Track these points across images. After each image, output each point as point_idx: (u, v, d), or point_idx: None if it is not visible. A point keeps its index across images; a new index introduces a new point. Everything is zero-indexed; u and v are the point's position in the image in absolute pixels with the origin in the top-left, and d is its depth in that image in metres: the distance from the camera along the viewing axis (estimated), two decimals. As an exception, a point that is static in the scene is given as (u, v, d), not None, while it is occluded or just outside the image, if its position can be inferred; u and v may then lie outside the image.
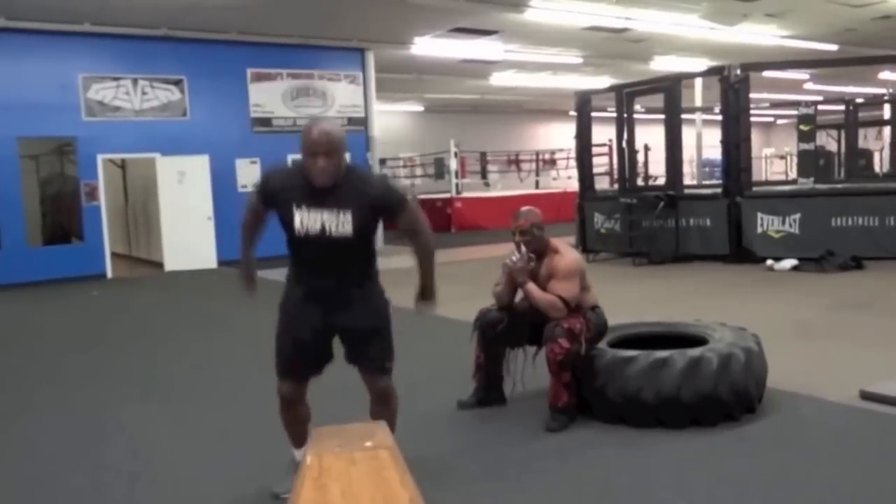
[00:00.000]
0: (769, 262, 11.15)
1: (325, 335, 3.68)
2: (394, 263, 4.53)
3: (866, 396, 4.84)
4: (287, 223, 3.51)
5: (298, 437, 3.84)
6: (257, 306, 4.53)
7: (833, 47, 18.99)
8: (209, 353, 7.50)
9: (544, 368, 4.62)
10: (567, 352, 4.42)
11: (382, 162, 22.30)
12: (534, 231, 4.65)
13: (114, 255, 15.19)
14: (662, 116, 13.41)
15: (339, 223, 3.44)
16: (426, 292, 3.79)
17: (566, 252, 4.74)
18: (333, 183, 3.40)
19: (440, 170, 24.43)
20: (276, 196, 3.54)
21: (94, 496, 4.04)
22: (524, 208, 4.77)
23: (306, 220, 3.45)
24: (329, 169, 3.36)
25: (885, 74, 24.76)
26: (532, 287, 4.60)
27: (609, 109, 14.95)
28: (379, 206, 3.50)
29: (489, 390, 5.03)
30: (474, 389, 5.06)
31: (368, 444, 3.14)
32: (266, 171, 3.78)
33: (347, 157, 3.56)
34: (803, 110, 13.83)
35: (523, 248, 4.63)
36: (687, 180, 17.07)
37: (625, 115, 13.71)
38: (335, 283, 3.59)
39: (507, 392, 5.08)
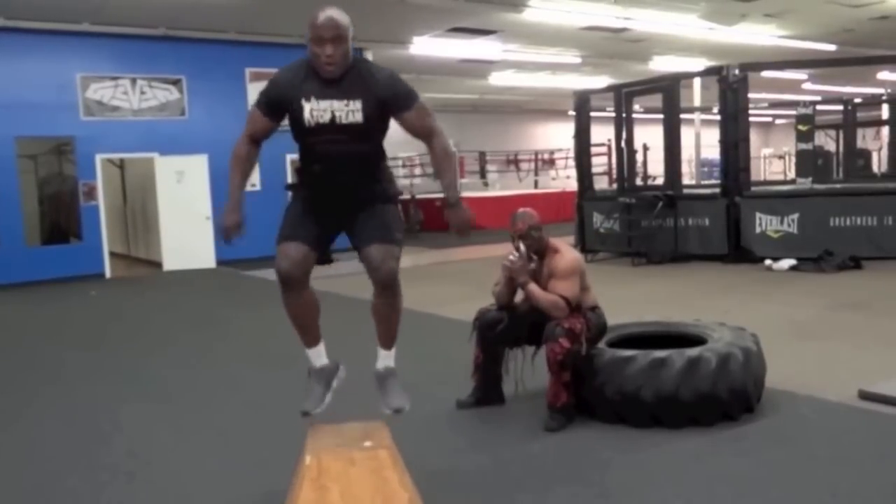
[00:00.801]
0: (768, 261, 11.14)
1: (330, 220, 3.55)
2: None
3: (865, 396, 4.85)
4: (296, 118, 3.40)
5: (311, 331, 3.68)
6: (256, 306, 4.51)
7: (831, 47, 19.01)
8: (207, 353, 7.48)
9: (543, 368, 4.61)
10: (568, 351, 4.42)
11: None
12: (532, 233, 4.64)
13: (112, 254, 15.18)
14: (661, 116, 13.39)
15: (349, 111, 3.35)
16: (455, 200, 3.55)
17: (566, 251, 4.73)
18: (341, 73, 3.32)
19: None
20: (283, 94, 3.40)
21: (92, 497, 4.02)
22: (520, 211, 4.75)
23: (316, 110, 3.36)
24: (337, 57, 3.28)
25: (884, 74, 24.78)
26: (533, 287, 4.59)
27: (608, 109, 14.94)
28: (388, 95, 3.39)
29: (488, 390, 5.02)
30: (473, 389, 5.05)
31: (367, 443, 3.17)
32: (270, 79, 3.53)
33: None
34: (802, 110, 13.82)
35: (522, 248, 4.62)
36: (686, 180, 17.02)
37: (623, 115, 13.70)
38: (343, 177, 3.48)
39: (507, 392, 5.07)
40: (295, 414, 3.60)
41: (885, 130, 20.96)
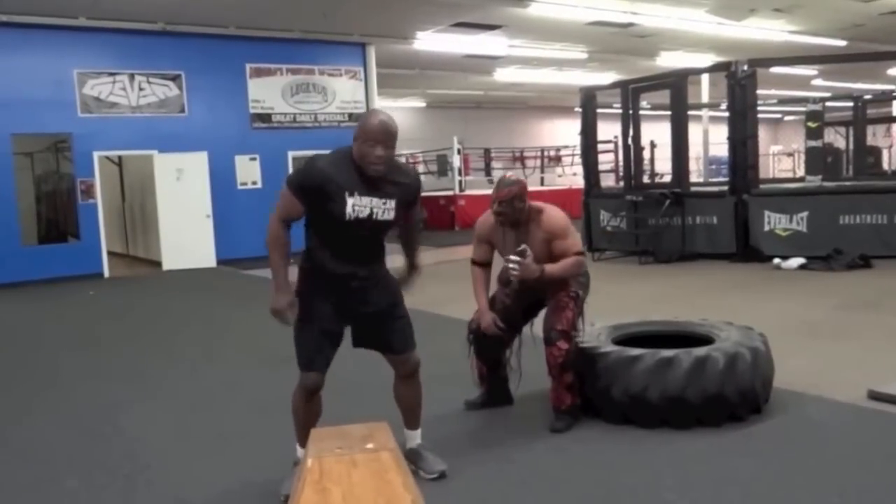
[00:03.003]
0: (776, 260, 11.06)
1: (343, 322, 3.76)
2: (398, 261, 4.39)
3: (874, 397, 4.84)
4: (334, 209, 3.52)
5: (307, 433, 3.71)
6: (257, 306, 4.46)
7: (841, 43, 18.84)
8: (207, 353, 7.43)
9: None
10: (567, 352, 4.39)
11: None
12: (514, 203, 4.42)
13: (111, 253, 15.08)
14: (668, 113, 13.31)
15: (385, 210, 3.61)
16: (416, 270, 4.07)
17: (549, 208, 4.60)
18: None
19: (443, 167, 24.26)
20: (325, 184, 3.51)
21: (91, 499, 4.03)
22: (509, 176, 4.58)
23: (358, 205, 3.54)
24: (385, 159, 3.51)
25: (894, 71, 24.56)
26: (550, 268, 4.39)
27: (615, 106, 14.86)
28: (412, 197, 3.78)
29: (495, 393, 4.97)
30: (481, 392, 5.00)
31: (370, 445, 3.11)
32: (306, 165, 3.63)
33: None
34: (811, 107, 13.61)
35: (514, 256, 4.36)
36: (693, 178, 16.95)
37: (630, 112, 13.65)
38: (361, 268, 3.70)
39: (514, 388, 5.00)
40: None
41: (896, 127, 20.81)
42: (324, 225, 3.61)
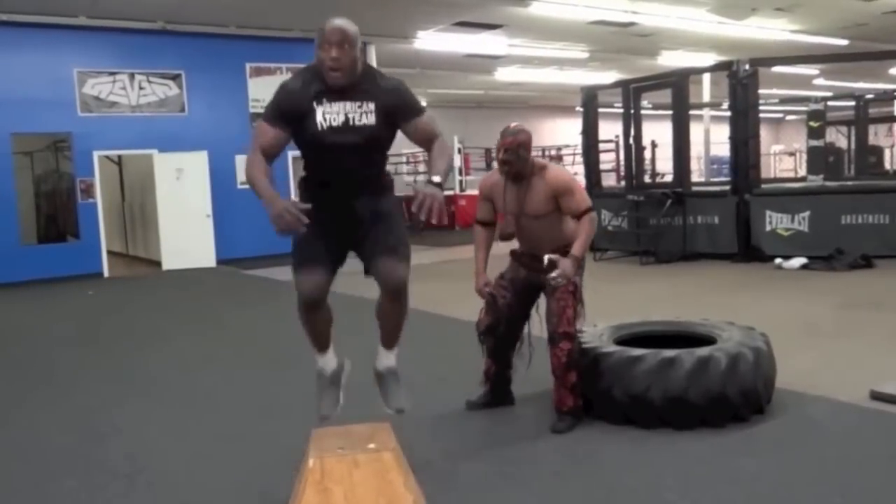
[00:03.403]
0: (778, 260, 11.02)
1: (341, 236, 3.52)
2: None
3: (877, 397, 4.81)
4: (307, 124, 3.34)
5: (322, 339, 3.72)
6: (257, 305, 4.42)
7: (843, 42, 18.79)
8: (206, 353, 7.39)
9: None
10: (570, 352, 4.36)
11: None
12: (520, 152, 4.40)
13: (110, 253, 15.07)
14: (670, 112, 13.27)
15: (363, 112, 3.36)
16: (438, 180, 3.30)
17: (553, 165, 4.60)
18: (351, 80, 3.33)
19: (444, 166, 24.11)
20: (293, 101, 3.36)
21: (90, 499, 3.97)
22: (514, 124, 4.52)
23: (329, 112, 3.34)
24: (344, 61, 3.28)
25: (896, 70, 24.52)
26: (579, 250, 4.32)
27: (616, 105, 14.81)
28: (398, 102, 3.44)
29: (498, 394, 4.92)
30: (483, 392, 4.94)
31: (371, 445, 3.17)
32: (276, 90, 3.45)
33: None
34: (813, 106, 13.58)
35: (549, 267, 4.32)
36: (695, 177, 16.91)
37: (632, 111, 13.62)
38: (351, 188, 3.47)
39: (515, 388, 4.97)
40: (297, 415, 3.68)
41: (898, 127, 20.79)
42: (305, 144, 3.42)
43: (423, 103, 3.59)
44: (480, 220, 4.77)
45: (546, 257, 4.39)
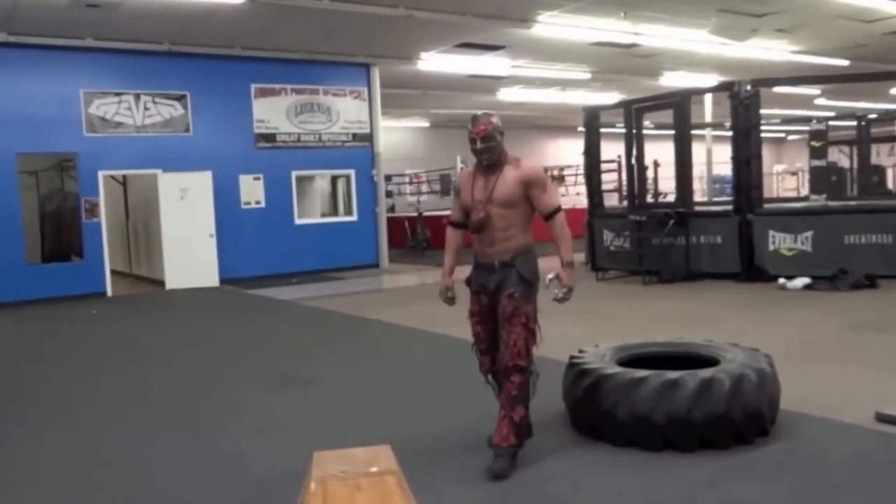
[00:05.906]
0: (781, 280, 11.00)
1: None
2: (402, 282, 4.35)
3: (882, 419, 4.78)
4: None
5: None
6: (260, 325, 4.41)
7: (844, 63, 18.84)
8: (209, 373, 7.37)
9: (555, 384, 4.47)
10: (520, 385, 4.18)
11: (388, 178, 22.13)
12: (496, 136, 4.32)
13: (114, 272, 15.04)
14: (672, 132, 13.28)
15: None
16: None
17: (527, 161, 4.47)
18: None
19: (446, 186, 24.26)
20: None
21: None
22: (481, 112, 4.44)
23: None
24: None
25: (897, 90, 24.56)
26: (567, 257, 4.34)
27: (618, 125, 14.82)
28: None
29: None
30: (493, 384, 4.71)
31: (374, 469, 3.06)
32: None
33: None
34: (815, 126, 13.64)
35: (558, 284, 4.32)
36: (697, 197, 16.91)
37: (634, 131, 13.62)
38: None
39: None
40: (299, 437, 3.49)
41: (900, 146, 20.80)
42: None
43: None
44: (453, 220, 4.66)
45: (548, 277, 4.36)
